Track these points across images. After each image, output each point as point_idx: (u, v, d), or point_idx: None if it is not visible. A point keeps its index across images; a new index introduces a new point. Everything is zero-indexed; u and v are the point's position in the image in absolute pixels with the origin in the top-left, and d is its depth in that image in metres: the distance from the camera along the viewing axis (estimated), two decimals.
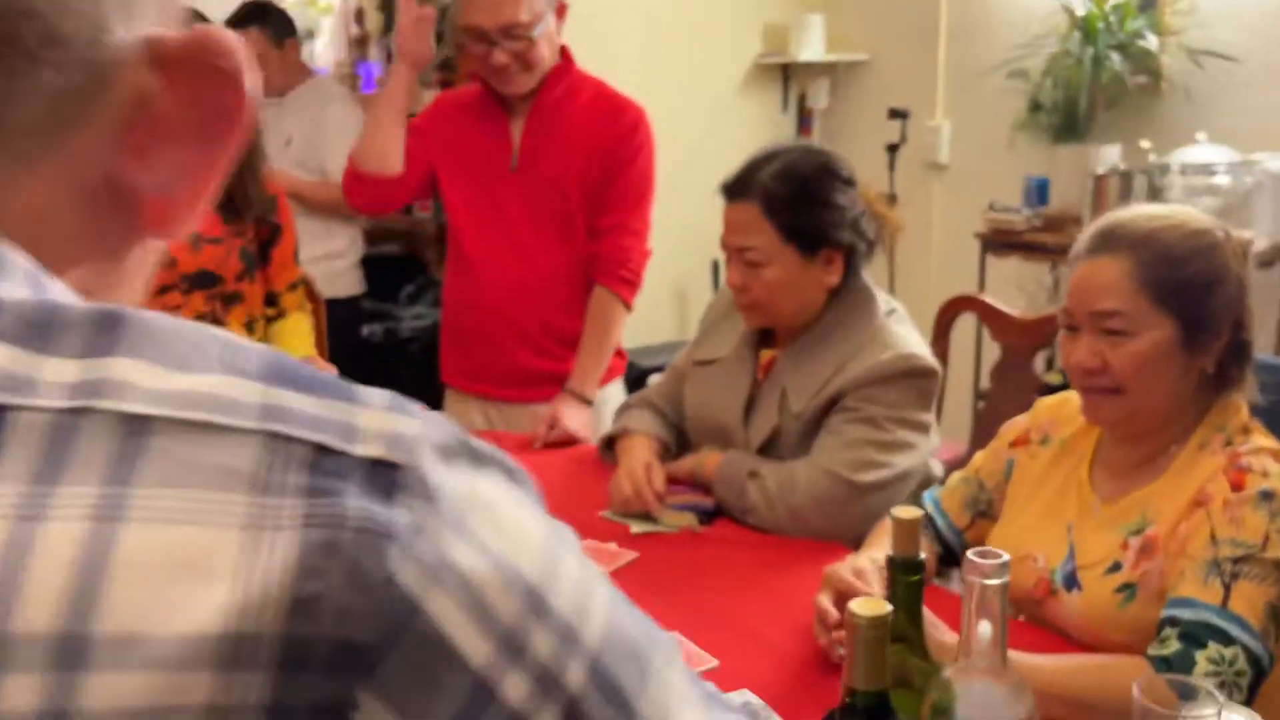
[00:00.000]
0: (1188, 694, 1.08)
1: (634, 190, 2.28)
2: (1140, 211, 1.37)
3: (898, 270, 3.59)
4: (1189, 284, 1.29)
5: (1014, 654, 1.18)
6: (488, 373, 2.36)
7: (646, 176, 2.31)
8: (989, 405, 2.12)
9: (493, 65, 2.17)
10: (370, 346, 3.80)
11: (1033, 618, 1.45)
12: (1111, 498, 1.38)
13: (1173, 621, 1.19)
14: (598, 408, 2.27)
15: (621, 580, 1.37)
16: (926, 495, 1.63)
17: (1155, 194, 2.82)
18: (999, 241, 3.14)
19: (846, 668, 0.79)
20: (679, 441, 1.99)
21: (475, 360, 2.37)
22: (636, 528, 1.74)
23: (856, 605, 0.78)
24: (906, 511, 0.93)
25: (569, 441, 2.16)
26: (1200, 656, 1.14)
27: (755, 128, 4.01)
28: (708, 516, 1.77)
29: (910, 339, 1.78)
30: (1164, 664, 1.15)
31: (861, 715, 0.79)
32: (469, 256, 2.32)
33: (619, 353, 2.41)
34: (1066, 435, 1.49)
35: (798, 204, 1.73)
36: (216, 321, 2.21)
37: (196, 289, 2.16)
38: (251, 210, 2.20)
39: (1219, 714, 0.82)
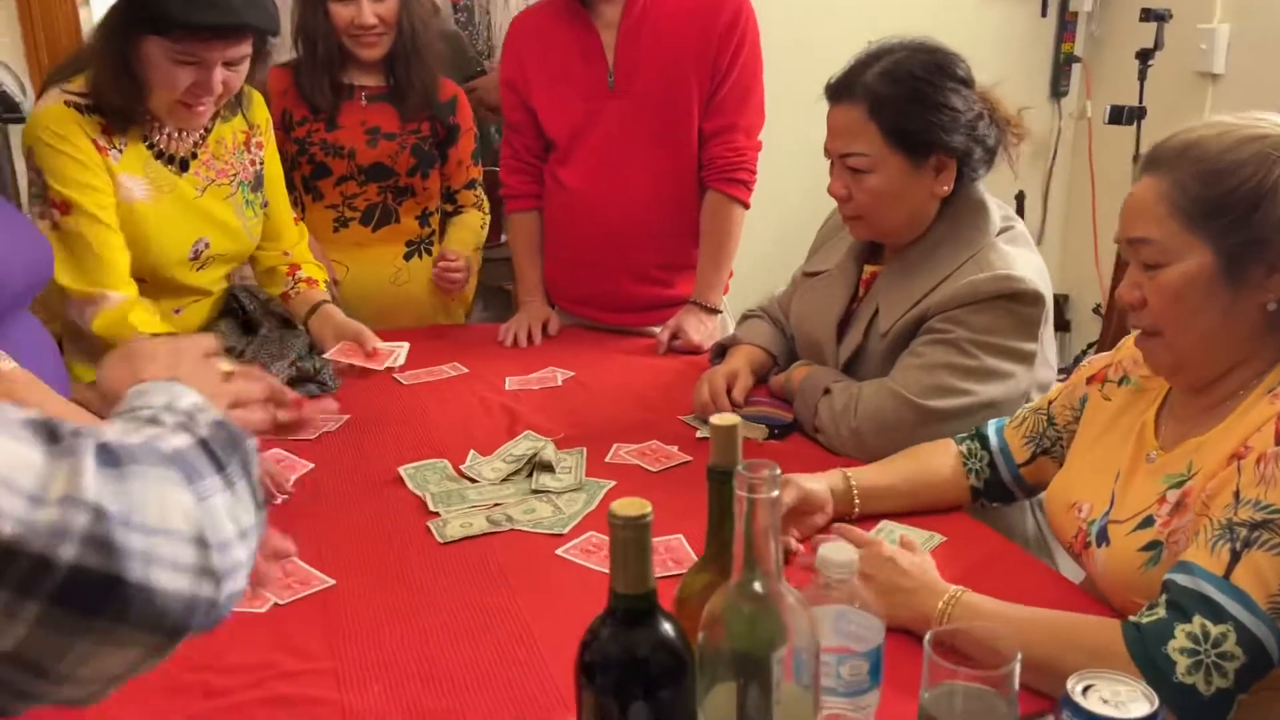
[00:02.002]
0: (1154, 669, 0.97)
1: (741, 87, 2.16)
2: (1206, 121, 1.16)
3: None
4: (1226, 202, 1.08)
5: (984, 600, 1.10)
6: (592, 300, 2.32)
7: (753, 69, 2.18)
8: None
9: None
10: None
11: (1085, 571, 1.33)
12: (1170, 445, 1.22)
13: (1167, 586, 1.05)
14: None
15: (662, 480, 1.38)
16: (991, 423, 1.51)
17: None
18: None
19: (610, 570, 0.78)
20: (794, 353, 1.94)
21: (579, 288, 2.32)
22: (702, 433, 1.74)
23: (617, 505, 0.76)
24: (724, 419, 0.89)
25: (694, 351, 2.16)
26: (1179, 630, 0.99)
27: (1009, 35, 3.65)
28: (782, 431, 1.73)
29: (1019, 260, 1.62)
30: (1136, 632, 1.02)
31: (622, 620, 0.78)
32: (566, 182, 2.25)
33: None
34: (1144, 374, 1.32)
35: (905, 105, 1.60)
36: (389, 212, 2.39)
37: (371, 181, 2.35)
38: (415, 98, 2.31)
39: (1013, 671, 0.72)
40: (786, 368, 1.91)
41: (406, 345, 1.94)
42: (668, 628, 0.78)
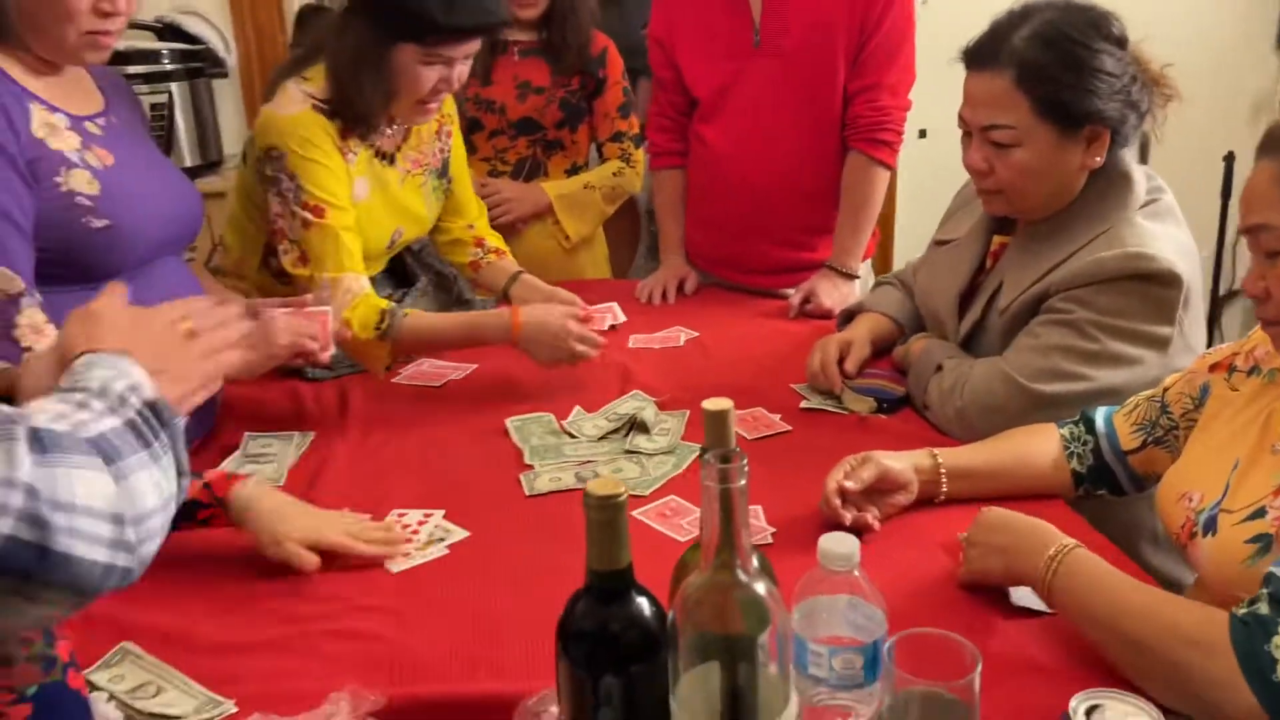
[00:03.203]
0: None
1: (890, 44, 2.07)
2: None
3: None
4: None
5: (1091, 562, 1.09)
6: (731, 260, 2.30)
7: (902, 24, 2.08)
8: None
9: None
10: None
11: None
12: None
13: (1268, 580, 0.97)
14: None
15: (756, 449, 1.41)
16: (1101, 408, 1.41)
17: None
18: None
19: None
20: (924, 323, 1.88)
21: (719, 248, 2.30)
22: (806, 403, 1.71)
23: (592, 485, 0.77)
24: (715, 403, 0.87)
25: (825, 315, 2.12)
26: None
27: None
28: (891, 405, 1.68)
29: (1158, 236, 1.50)
30: (1242, 626, 0.95)
31: (596, 595, 0.80)
32: (709, 141, 2.23)
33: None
34: (1278, 366, 1.21)
35: (1059, 72, 1.47)
36: (539, 165, 2.46)
37: (521, 135, 2.41)
38: (570, 56, 2.35)
39: (973, 681, 0.69)
40: (911, 327, 1.85)
41: (615, 304, 2.06)
42: (643, 604, 0.80)
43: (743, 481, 0.75)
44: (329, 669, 1.09)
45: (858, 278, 2.19)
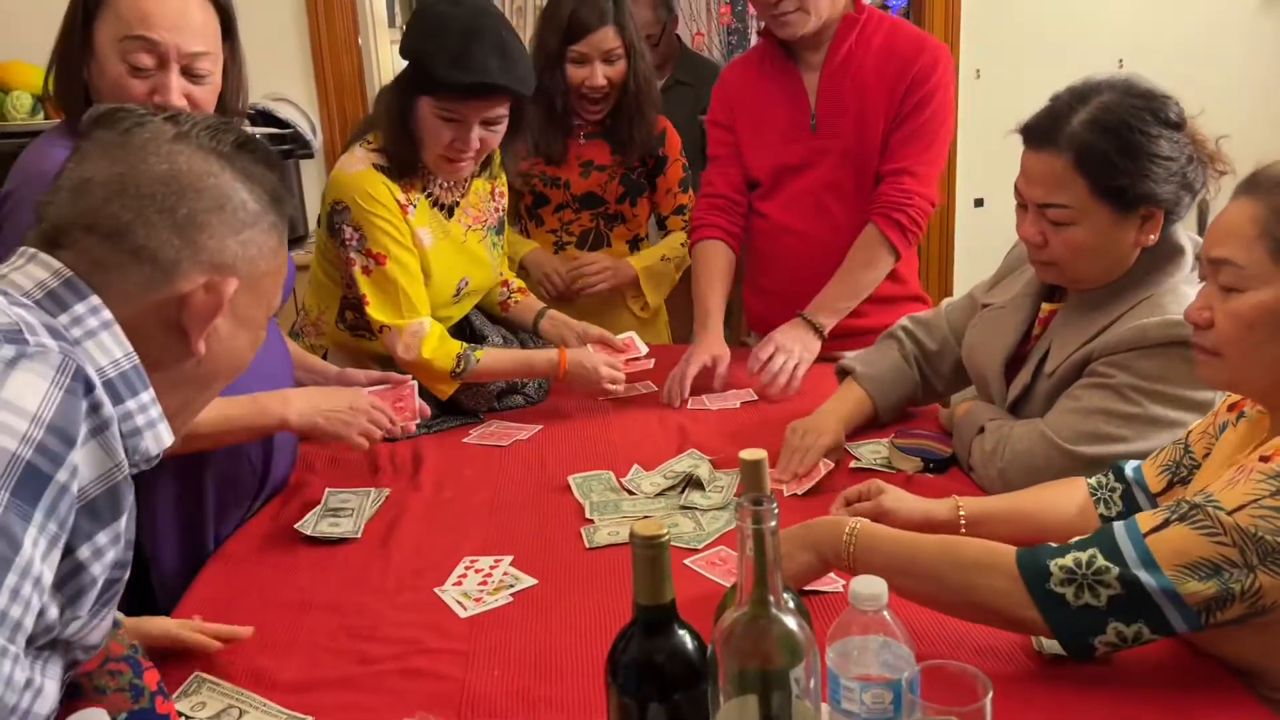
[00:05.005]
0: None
1: (925, 134, 2.17)
2: None
3: None
4: None
5: (881, 528, 1.25)
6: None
7: (939, 121, 2.18)
8: None
9: (769, 5, 2.15)
10: None
11: None
12: None
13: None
14: None
15: (804, 503, 1.49)
16: (1131, 461, 1.45)
17: None
18: None
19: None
20: (927, 383, 1.95)
21: (779, 317, 2.35)
22: (856, 463, 1.78)
23: (638, 526, 0.86)
24: (751, 453, 0.95)
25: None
26: (1071, 554, 1.10)
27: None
28: (939, 465, 1.74)
29: None
30: (1029, 550, 1.13)
31: (641, 627, 0.87)
32: (769, 216, 2.33)
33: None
34: (1259, 410, 1.27)
35: (1117, 159, 1.50)
36: (602, 236, 2.58)
37: (585, 208, 2.54)
38: (636, 146, 2.50)
39: (984, 707, 0.75)
40: (887, 414, 1.92)
41: (633, 333, 2.23)
42: (684, 636, 0.87)
43: (773, 524, 0.83)
44: (400, 703, 1.18)
45: (824, 339, 2.23)
